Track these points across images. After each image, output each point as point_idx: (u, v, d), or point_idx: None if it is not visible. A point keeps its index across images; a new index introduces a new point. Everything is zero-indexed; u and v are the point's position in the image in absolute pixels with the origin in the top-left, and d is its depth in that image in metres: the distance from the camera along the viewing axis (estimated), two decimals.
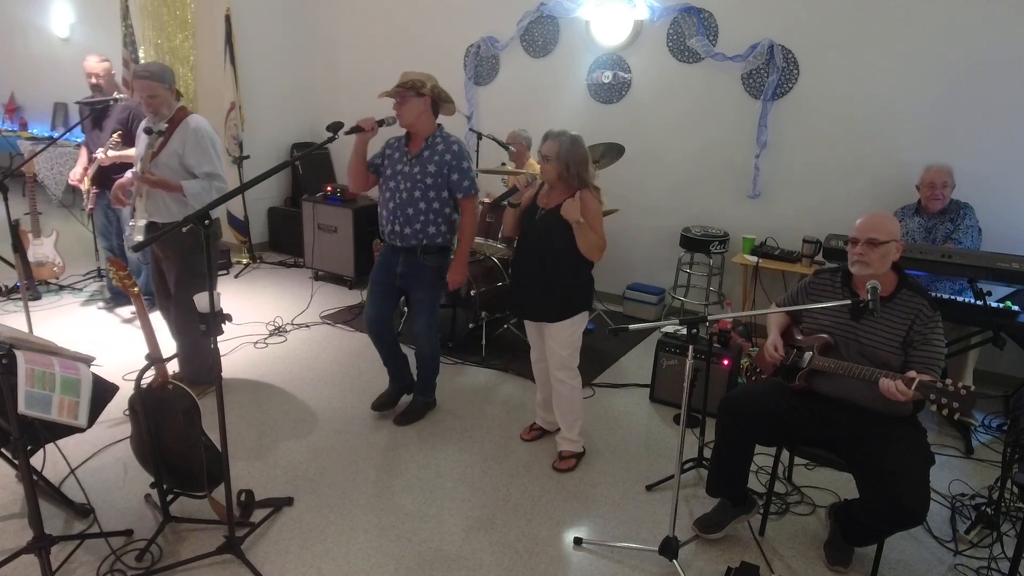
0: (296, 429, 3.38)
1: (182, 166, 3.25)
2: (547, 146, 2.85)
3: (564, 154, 2.82)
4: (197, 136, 3.22)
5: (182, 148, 3.21)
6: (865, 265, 2.37)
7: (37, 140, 7.37)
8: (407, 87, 3.05)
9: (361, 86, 6.15)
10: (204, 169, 3.24)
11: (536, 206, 3.01)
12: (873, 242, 2.36)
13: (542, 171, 2.92)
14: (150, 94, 3.18)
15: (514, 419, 3.56)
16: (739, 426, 2.54)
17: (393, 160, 3.22)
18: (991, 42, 3.90)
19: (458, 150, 3.15)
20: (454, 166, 3.13)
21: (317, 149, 3.50)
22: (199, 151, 3.23)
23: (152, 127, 3.19)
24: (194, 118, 3.27)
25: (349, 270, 5.51)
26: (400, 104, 3.08)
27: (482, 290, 4.25)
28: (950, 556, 2.67)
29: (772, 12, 4.45)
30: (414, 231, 3.16)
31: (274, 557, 2.49)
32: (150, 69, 3.20)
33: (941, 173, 3.79)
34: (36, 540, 2.21)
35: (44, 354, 2.15)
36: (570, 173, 2.84)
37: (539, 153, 2.90)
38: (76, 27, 7.14)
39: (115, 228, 4.59)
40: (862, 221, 2.41)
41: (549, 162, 2.85)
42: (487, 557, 2.55)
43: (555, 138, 2.85)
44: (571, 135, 2.85)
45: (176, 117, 3.26)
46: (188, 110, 3.32)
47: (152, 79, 3.16)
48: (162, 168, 3.22)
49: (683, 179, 4.98)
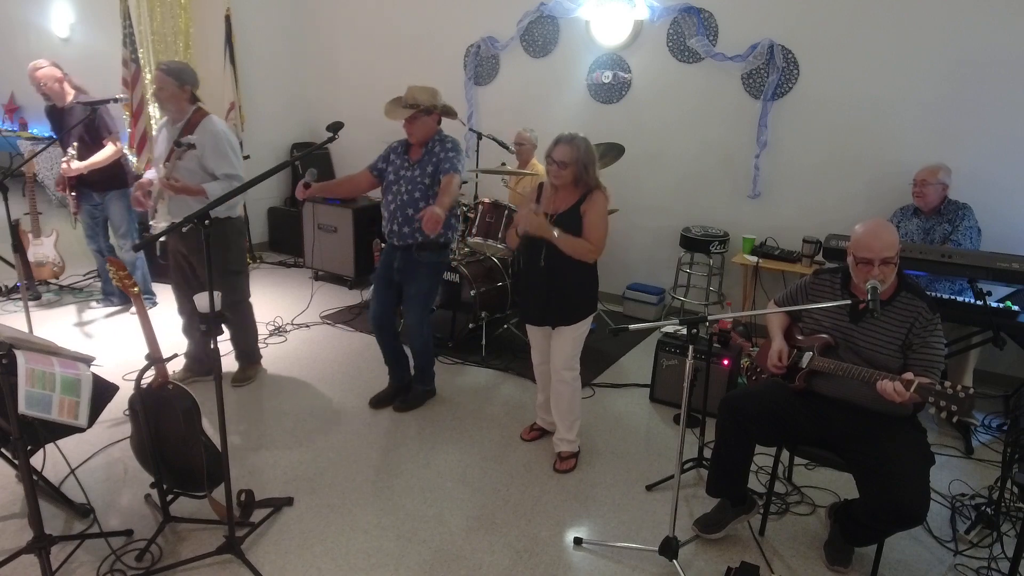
0: (296, 429, 3.38)
1: (202, 168, 3.30)
2: (562, 151, 2.80)
3: (582, 157, 2.79)
4: (216, 139, 3.29)
5: (202, 151, 3.26)
6: (882, 282, 2.30)
7: (37, 140, 7.37)
8: (420, 110, 3.15)
9: (361, 86, 6.15)
10: (224, 171, 3.30)
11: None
12: (888, 261, 2.30)
13: (555, 176, 2.85)
14: (158, 86, 3.29)
15: (514, 419, 3.56)
16: (739, 426, 2.53)
17: (396, 165, 3.32)
18: (991, 42, 3.90)
19: (451, 146, 3.27)
20: (443, 158, 3.23)
21: (317, 149, 3.52)
22: (218, 154, 3.30)
23: (182, 140, 3.22)
24: (211, 119, 3.33)
25: (349, 270, 5.51)
26: (411, 123, 3.19)
27: (482, 290, 4.25)
28: (950, 556, 2.67)
29: (772, 12, 4.45)
30: (412, 229, 3.24)
31: (274, 557, 2.49)
32: (168, 66, 3.30)
33: (925, 171, 3.82)
34: (36, 540, 2.21)
35: (44, 354, 2.15)
36: (588, 174, 2.82)
37: (547, 158, 2.85)
38: (76, 27, 7.13)
39: (102, 230, 4.62)
40: (869, 240, 2.32)
41: (566, 167, 2.80)
42: (487, 557, 2.55)
43: (569, 142, 2.80)
44: (583, 137, 2.82)
45: (193, 119, 3.31)
46: (205, 111, 3.36)
47: (166, 74, 3.26)
48: (182, 170, 3.27)
49: (683, 179, 4.98)
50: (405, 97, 3.22)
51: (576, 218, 2.85)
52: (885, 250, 2.30)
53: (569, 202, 2.88)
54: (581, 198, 2.86)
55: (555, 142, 2.84)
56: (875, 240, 2.31)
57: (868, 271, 2.32)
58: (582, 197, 2.86)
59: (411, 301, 3.41)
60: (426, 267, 3.34)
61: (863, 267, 2.34)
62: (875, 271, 2.30)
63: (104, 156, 4.24)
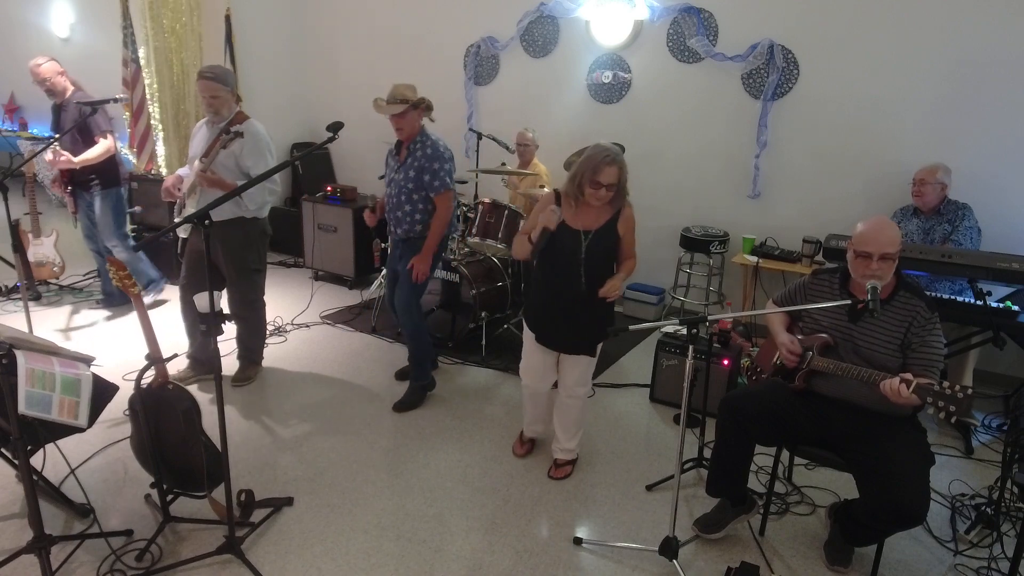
0: (296, 429, 3.38)
1: (238, 167, 3.36)
2: (610, 173, 2.59)
3: (625, 175, 2.65)
4: (256, 139, 3.35)
5: (240, 150, 3.31)
6: (880, 279, 2.29)
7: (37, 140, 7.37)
8: (410, 104, 3.27)
9: (361, 86, 6.15)
10: (259, 172, 3.28)
11: (566, 226, 2.73)
12: (887, 256, 2.30)
13: (599, 198, 2.65)
14: (212, 95, 3.29)
15: (514, 419, 3.56)
16: (739, 426, 2.53)
17: (391, 167, 3.54)
18: (991, 42, 3.90)
19: (432, 152, 3.36)
20: (426, 167, 3.35)
21: (317, 149, 3.54)
22: (256, 154, 3.36)
23: (231, 128, 3.24)
24: (252, 122, 3.38)
25: (349, 270, 5.51)
26: (401, 118, 3.31)
27: (482, 290, 4.25)
28: (950, 556, 2.67)
29: (772, 12, 4.45)
30: (404, 229, 3.49)
31: (274, 557, 2.49)
32: (214, 71, 3.30)
33: (924, 171, 3.83)
34: (36, 540, 2.21)
35: (44, 354, 2.15)
36: (624, 191, 2.70)
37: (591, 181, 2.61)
38: (76, 27, 7.14)
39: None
40: (873, 233, 2.32)
41: (611, 189, 2.63)
42: (487, 557, 2.55)
43: (613, 162, 2.59)
44: (621, 153, 2.66)
45: (235, 119, 3.36)
46: (245, 114, 3.41)
47: (215, 80, 3.28)
48: (219, 168, 3.31)
49: (683, 179, 4.98)
50: (392, 94, 3.31)
51: (613, 236, 2.74)
52: (886, 245, 2.29)
53: (602, 219, 2.73)
54: (615, 214, 2.74)
55: (599, 163, 2.59)
56: (879, 234, 2.31)
57: (867, 265, 2.31)
58: (616, 213, 2.74)
59: (404, 278, 3.50)
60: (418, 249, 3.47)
61: (861, 261, 2.33)
62: (873, 265, 2.30)
63: (96, 153, 4.21)
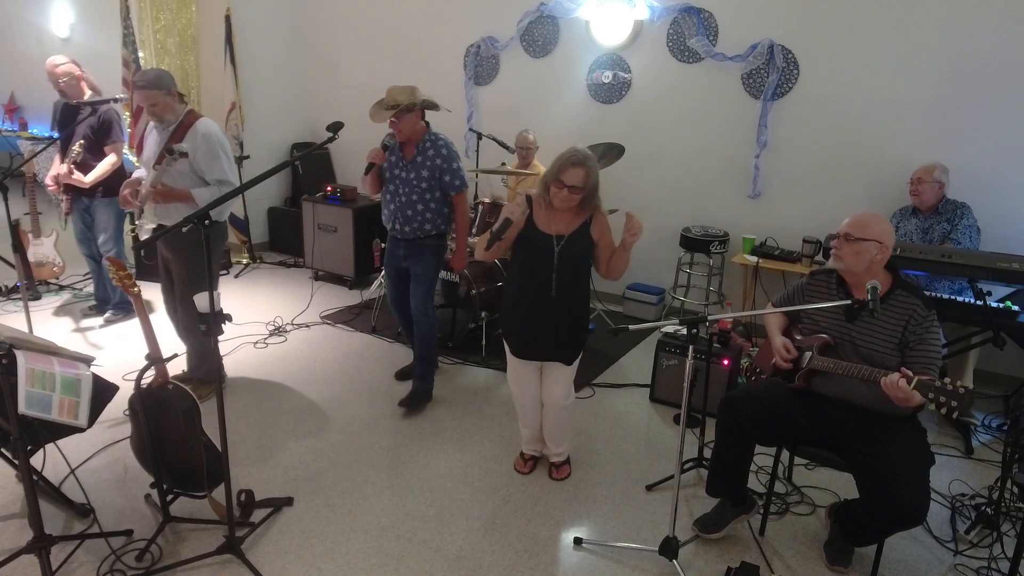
0: (296, 429, 3.38)
1: (193, 171, 3.24)
2: (574, 175, 2.53)
3: (593, 180, 2.59)
4: (208, 142, 3.21)
5: (193, 154, 3.19)
6: (839, 259, 2.42)
7: (37, 140, 7.37)
8: (402, 109, 3.27)
9: (361, 86, 6.15)
10: (215, 176, 3.26)
11: (538, 230, 2.69)
12: (848, 237, 2.40)
13: (564, 200, 2.60)
14: (151, 103, 3.15)
15: (514, 419, 3.55)
16: (739, 426, 2.53)
17: (392, 164, 3.46)
18: (991, 42, 3.90)
19: (447, 152, 3.38)
20: (445, 168, 3.38)
21: (317, 149, 3.54)
22: (210, 157, 3.23)
23: (173, 148, 3.10)
24: (203, 123, 3.25)
25: (349, 270, 5.51)
26: (397, 123, 3.31)
27: (482, 290, 4.25)
28: (950, 556, 2.67)
29: (772, 12, 4.45)
30: (413, 228, 3.45)
31: (274, 557, 2.49)
32: (147, 78, 3.15)
33: (921, 170, 3.84)
34: (36, 540, 2.21)
35: (44, 354, 2.15)
36: (596, 197, 2.66)
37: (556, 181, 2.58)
38: (76, 27, 7.13)
39: (93, 233, 4.41)
40: (850, 217, 2.45)
41: (578, 192, 2.56)
42: (487, 557, 2.55)
43: (580, 164, 2.53)
44: (592, 156, 2.61)
45: (185, 121, 3.23)
46: (197, 114, 3.30)
47: (149, 87, 3.12)
48: (173, 175, 3.20)
49: (683, 179, 4.98)
50: (385, 99, 3.32)
51: (587, 241, 2.71)
52: (849, 227, 2.41)
53: (574, 224, 2.69)
54: (587, 220, 2.71)
55: (565, 163, 2.54)
56: (850, 218, 2.43)
57: (837, 246, 2.43)
58: (588, 219, 2.71)
59: (418, 280, 3.54)
60: (431, 249, 3.52)
61: (835, 243, 2.45)
62: (836, 242, 2.42)
63: (104, 170, 4.17)
